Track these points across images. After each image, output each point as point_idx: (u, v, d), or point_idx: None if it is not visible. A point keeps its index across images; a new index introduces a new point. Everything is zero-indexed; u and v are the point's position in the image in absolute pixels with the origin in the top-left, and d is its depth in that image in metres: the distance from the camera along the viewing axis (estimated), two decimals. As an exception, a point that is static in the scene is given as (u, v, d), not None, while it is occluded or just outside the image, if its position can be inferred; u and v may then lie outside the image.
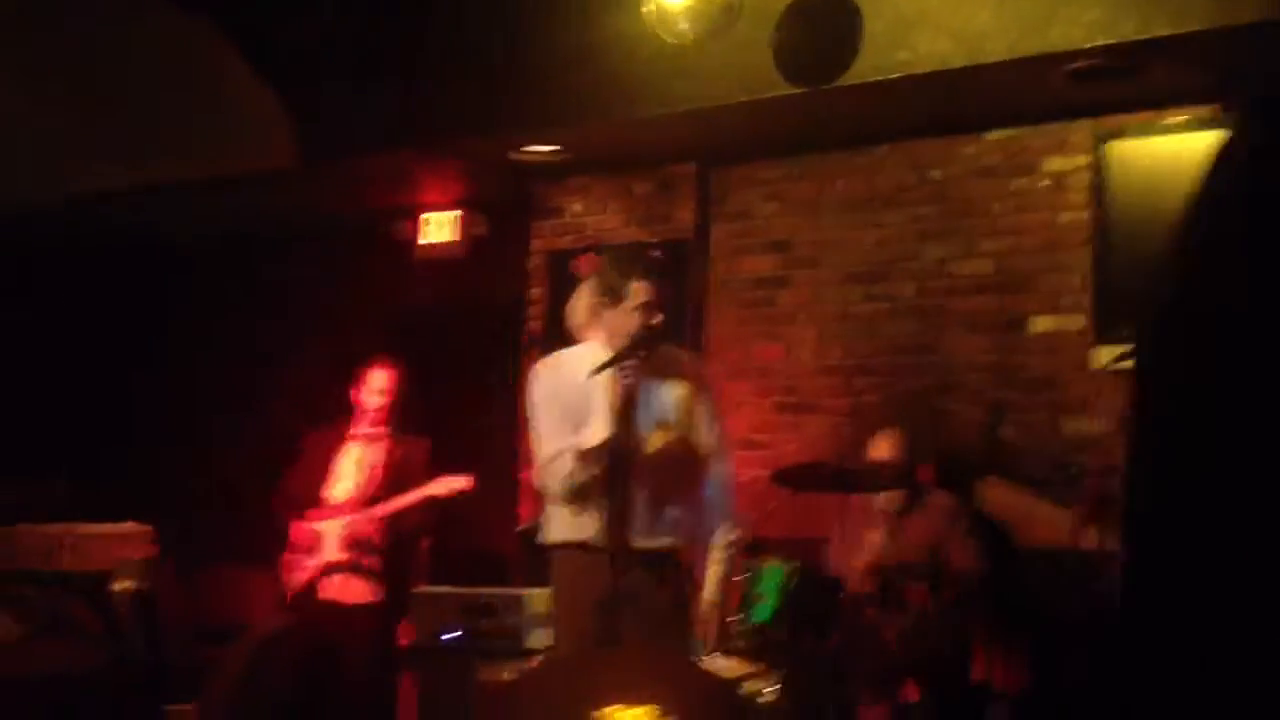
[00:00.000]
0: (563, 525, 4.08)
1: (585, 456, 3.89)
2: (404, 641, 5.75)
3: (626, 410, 3.94)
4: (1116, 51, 4.84)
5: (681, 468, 4.05)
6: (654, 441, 3.98)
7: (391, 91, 6.31)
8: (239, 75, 6.46)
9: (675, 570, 4.11)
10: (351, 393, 5.77)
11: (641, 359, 3.91)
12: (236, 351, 7.97)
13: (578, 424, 3.97)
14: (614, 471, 3.90)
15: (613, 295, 4.00)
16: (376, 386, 5.72)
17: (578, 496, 3.98)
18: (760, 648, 5.05)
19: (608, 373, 3.91)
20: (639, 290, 3.96)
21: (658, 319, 3.97)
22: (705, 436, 4.11)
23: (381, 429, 5.74)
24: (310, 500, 5.67)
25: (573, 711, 3.15)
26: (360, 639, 5.55)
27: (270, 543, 5.80)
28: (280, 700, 5.26)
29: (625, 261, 4.13)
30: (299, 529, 5.65)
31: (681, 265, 6.33)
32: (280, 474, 5.86)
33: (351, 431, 5.77)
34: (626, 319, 3.97)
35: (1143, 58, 4.92)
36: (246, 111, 6.53)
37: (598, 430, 3.89)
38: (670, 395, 4.07)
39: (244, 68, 6.47)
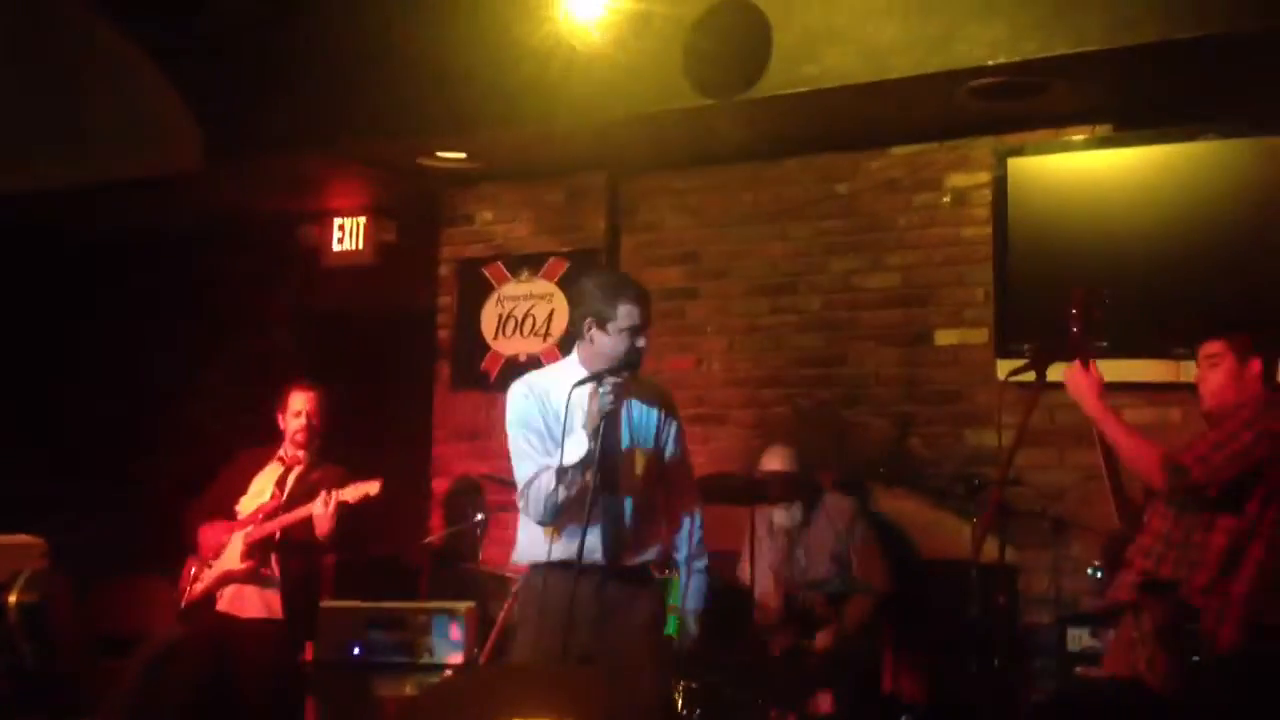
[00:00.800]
0: (537, 545, 4.06)
1: (563, 474, 3.89)
2: (308, 656, 5.66)
3: (608, 429, 3.98)
4: (1018, 69, 4.92)
5: (659, 488, 4.15)
6: (637, 461, 4.08)
7: (298, 93, 6.22)
8: (141, 75, 6.33)
9: (652, 586, 4.18)
10: (275, 414, 5.70)
11: (625, 379, 3.98)
12: (142, 356, 7.83)
13: (556, 444, 3.99)
14: (598, 488, 3.93)
15: (599, 318, 4.03)
16: (295, 409, 5.65)
17: (559, 515, 3.99)
18: (673, 660, 5.06)
19: (585, 392, 3.95)
20: (628, 314, 4.01)
21: (643, 342, 4.04)
22: (679, 458, 4.25)
23: (302, 452, 5.68)
24: (224, 515, 5.60)
25: (476, 727, 3.13)
26: (259, 653, 5.46)
27: (175, 553, 5.71)
28: (176, 714, 5.16)
29: (613, 284, 4.13)
30: (203, 537, 5.58)
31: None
32: (189, 482, 5.77)
33: (274, 451, 5.72)
34: (614, 341, 4.01)
35: (1044, 76, 5.02)
36: (149, 112, 6.41)
37: (575, 448, 3.90)
38: (649, 417, 4.16)
39: (146, 67, 6.35)
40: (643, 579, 4.13)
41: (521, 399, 4.12)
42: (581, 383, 3.95)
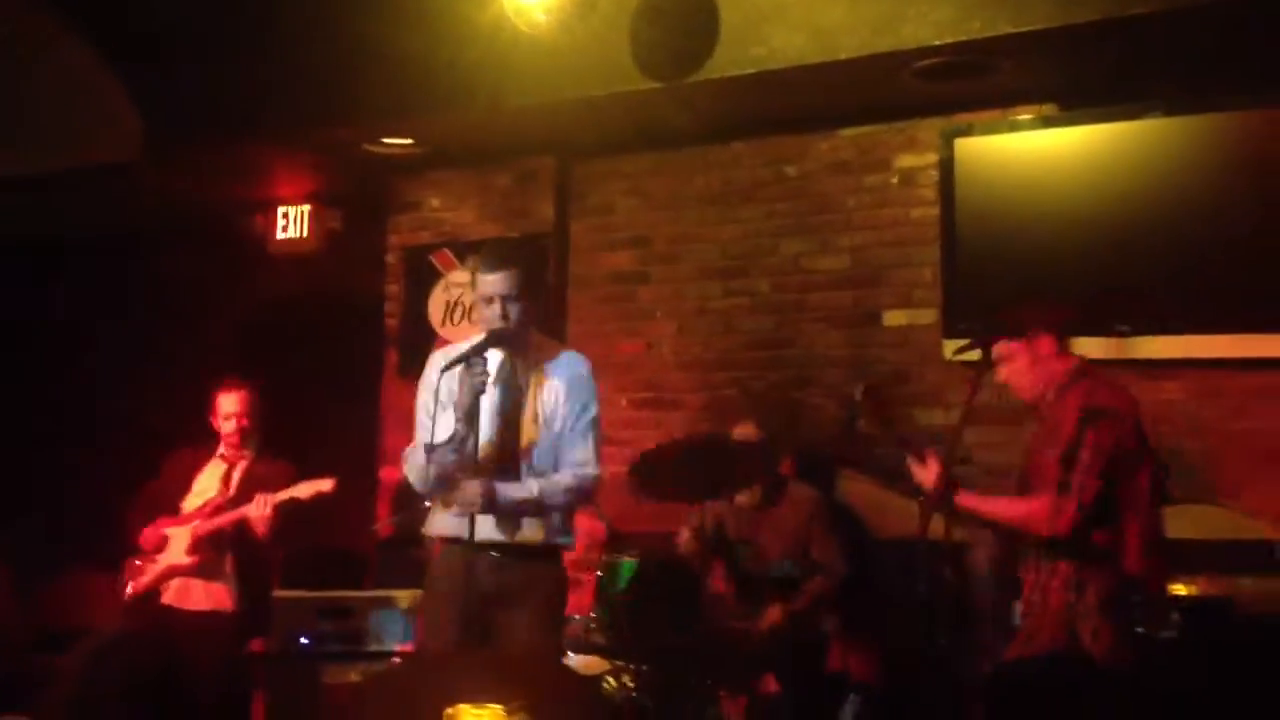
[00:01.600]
0: (437, 519, 4.06)
1: (431, 451, 3.84)
2: (259, 647, 5.62)
3: (502, 405, 3.95)
4: (964, 49, 4.94)
5: (551, 460, 4.02)
6: (526, 434, 3.98)
7: (240, 81, 6.15)
8: (78, 62, 6.24)
9: (556, 564, 4.09)
10: (207, 417, 5.64)
11: (506, 357, 3.92)
12: (84, 350, 7.73)
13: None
14: (490, 462, 3.90)
15: (473, 288, 4.00)
16: (226, 410, 5.58)
17: (438, 488, 3.94)
18: (620, 644, 5.05)
19: (462, 368, 3.87)
20: (486, 282, 3.93)
21: (512, 312, 3.92)
22: (581, 433, 4.04)
23: (241, 451, 5.62)
24: (167, 512, 5.54)
25: (420, 712, 3.10)
26: (206, 645, 5.41)
27: (116, 548, 5.64)
28: (119, 707, 5.09)
29: (482, 255, 4.09)
30: (147, 533, 5.52)
31: (541, 261, 6.29)
32: (132, 476, 5.70)
33: (214, 450, 5.66)
34: (484, 312, 3.96)
35: (989, 56, 5.03)
36: (87, 100, 6.31)
37: (443, 427, 3.84)
38: (554, 393, 4.02)
39: (84, 54, 6.25)
40: (544, 555, 4.03)
41: (429, 368, 4.10)
42: (450, 365, 3.88)
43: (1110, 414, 3.85)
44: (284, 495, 5.29)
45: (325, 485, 5.30)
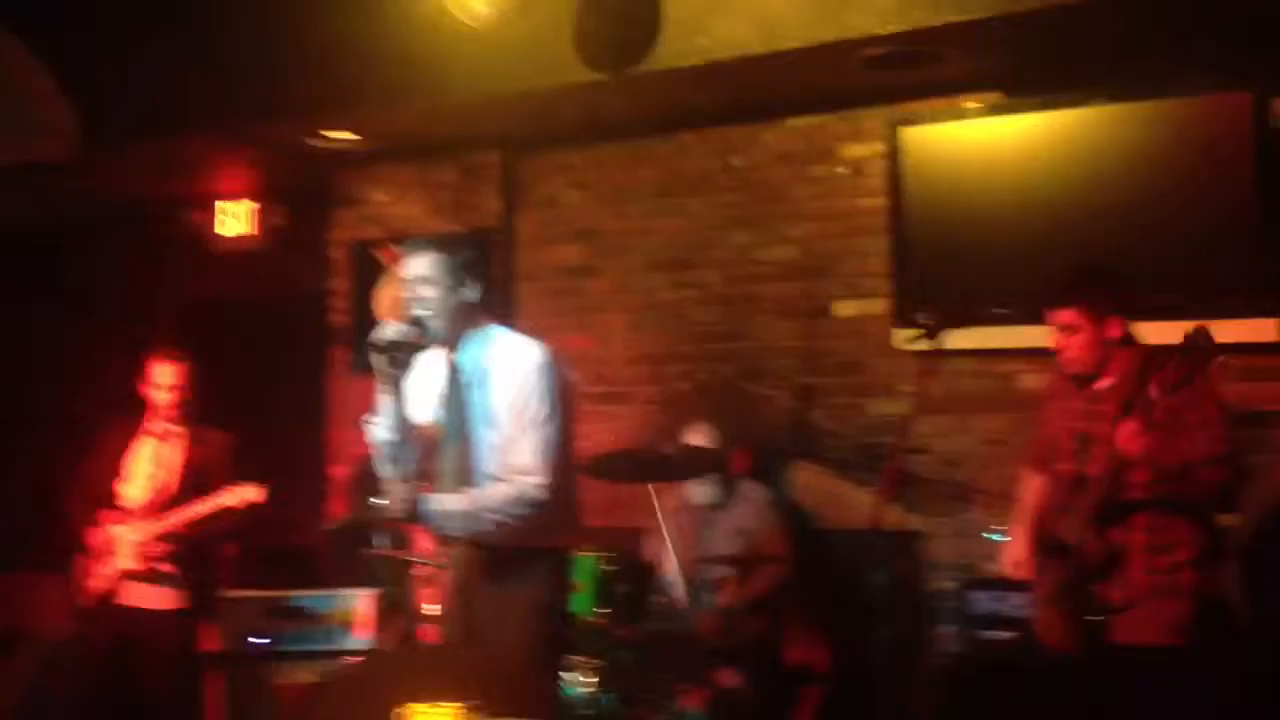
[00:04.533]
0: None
1: (374, 446, 3.77)
2: (210, 647, 5.57)
3: (451, 400, 3.79)
4: (908, 38, 4.94)
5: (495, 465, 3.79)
6: (483, 439, 3.80)
7: (178, 74, 6.05)
8: (8, 55, 6.10)
9: (532, 567, 3.85)
10: (139, 388, 5.54)
11: (414, 342, 3.70)
12: (27, 348, 7.60)
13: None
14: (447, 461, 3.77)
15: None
16: (162, 381, 5.48)
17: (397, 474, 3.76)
18: (578, 639, 5.02)
19: (385, 359, 3.68)
20: (407, 267, 3.82)
21: (427, 297, 3.76)
22: (514, 427, 3.76)
23: (176, 426, 5.54)
24: (104, 498, 5.44)
25: (374, 712, 3.06)
26: (161, 646, 5.36)
27: (61, 546, 5.55)
28: (70, 711, 5.03)
29: (414, 243, 3.96)
30: (93, 533, 5.44)
31: (487, 255, 6.24)
32: (68, 473, 5.60)
33: (146, 426, 5.55)
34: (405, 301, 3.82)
35: (934, 44, 5.04)
36: (20, 97, 6.18)
37: (382, 419, 3.74)
38: (486, 384, 3.80)
39: (17, 50, 6.12)
40: (519, 559, 3.81)
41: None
42: (370, 347, 3.67)
43: None
44: (215, 504, 5.24)
45: (254, 494, 5.25)
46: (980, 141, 5.49)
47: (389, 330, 3.70)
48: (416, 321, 3.73)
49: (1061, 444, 3.97)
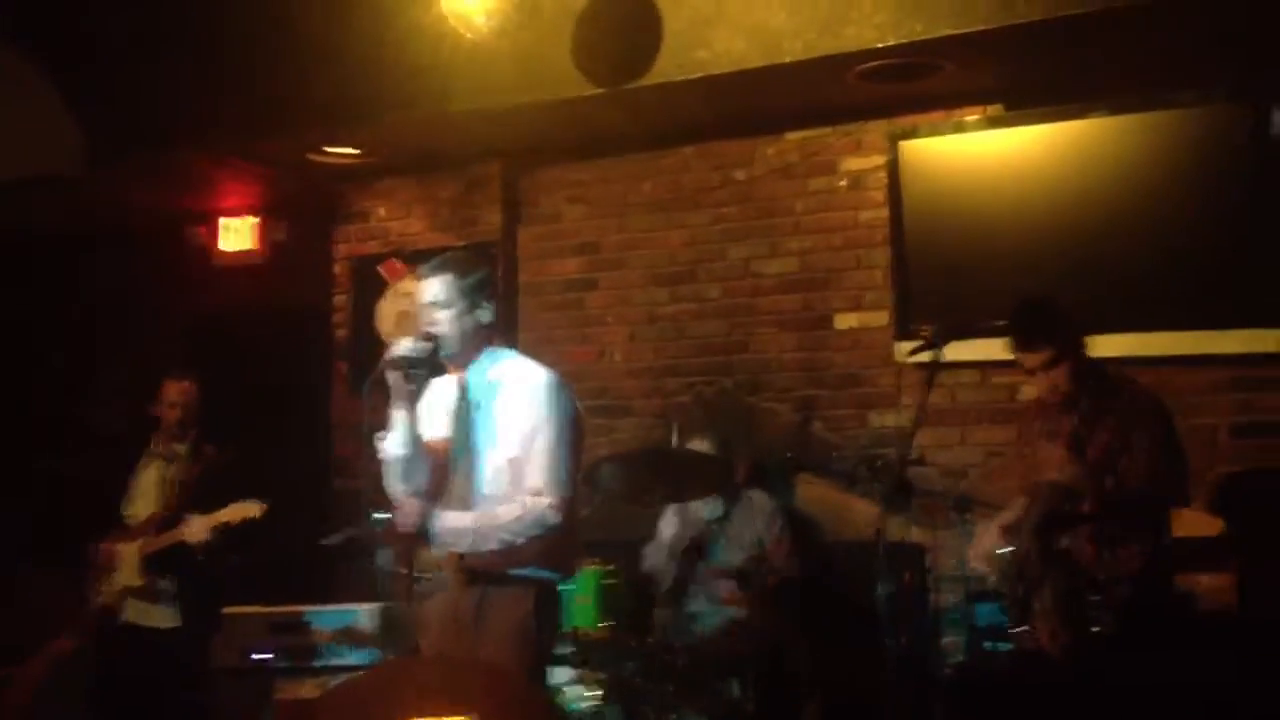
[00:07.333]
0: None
1: (385, 462, 3.78)
2: (211, 663, 5.57)
3: (460, 424, 3.79)
4: (906, 51, 4.95)
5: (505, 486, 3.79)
6: (484, 458, 3.79)
7: (182, 92, 6.07)
8: (15, 71, 6.13)
9: (527, 588, 3.80)
10: (147, 405, 5.62)
11: (423, 361, 3.73)
12: (22, 358, 7.61)
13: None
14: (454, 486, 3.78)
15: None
16: (170, 400, 5.57)
17: (408, 492, 3.78)
18: (581, 653, 5.02)
19: (398, 375, 3.71)
20: (420, 289, 3.85)
21: (440, 320, 3.78)
22: (524, 449, 3.76)
23: (182, 443, 5.60)
24: (109, 514, 5.51)
25: (375, 727, 3.06)
26: (162, 663, 5.39)
27: (68, 559, 5.58)
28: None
29: (428, 263, 3.95)
30: (96, 549, 5.48)
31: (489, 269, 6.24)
32: (71, 482, 5.67)
33: (152, 447, 5.62)
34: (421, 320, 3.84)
35: (932, 57, 5.05)
36: (26, 112, 6.21)
37: (393, 435, 3.76)
38: (494, 406, 3.81)
39: (23, 67, 6.16)
40: (518, 580, 3.78)
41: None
42: (386, 368, 3.68)
43: None
44: (214, 520, 5.27)
45: (253, 510, 5.30)
46: (980, 154, 5.50)
47: (403, 347, 3.73)
48: (430, 339, 3.76)
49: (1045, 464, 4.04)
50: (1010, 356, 4.22)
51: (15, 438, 7.42)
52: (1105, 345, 5.14)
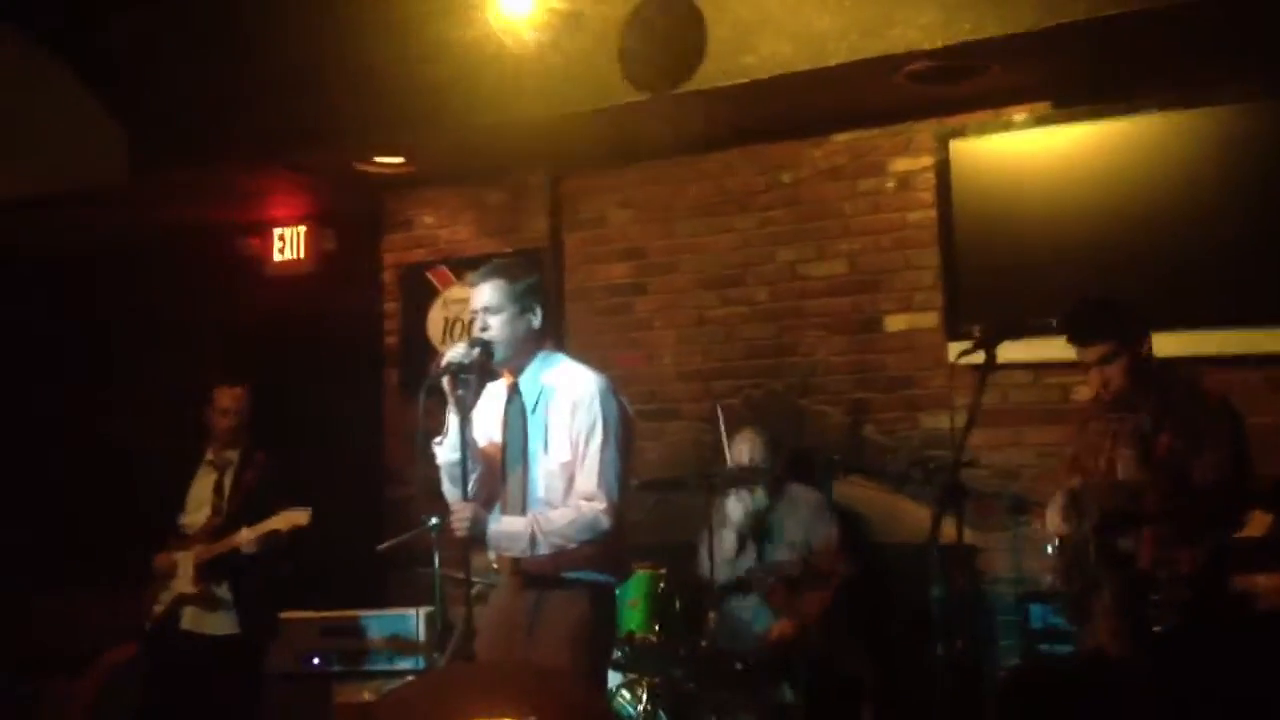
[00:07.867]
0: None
1: (440, 466, 3.81)
2: (268, 668, 5.63)
3: (511, 428, 3.83)
4: (953, 53, 4.93)
5: (559, 491, 3.79)
6: (538, 463, 3.81)
7: (229, 104, 6.14)
8: (64, 85, 6.21)
9: (584, 591, 3.81)
10: (203, 414, 5.69)
11: (476, 370, 3.74)
12: (82, 373, 7.71)
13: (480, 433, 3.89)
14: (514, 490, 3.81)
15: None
16: (222, 406, 5.64)
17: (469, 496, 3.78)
18: (633, 657, 5.03)
19: (448, 379, 3.73)
20: (472, 295, 3.87)
21: (488, 326, 3.80)
22: (579, 454, 3.77)
23: (234, 449, 5.66)
24: (165, 523, 5.57)
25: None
26: (220, 669, 5.45)
27: (123, 570, 5.65)
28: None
29: (479, 270, 3.95)
30: (155, 558, 5.54)
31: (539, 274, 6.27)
32: (123, 497, 5.73)
33: (208, 455, 5.69)
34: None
35: (979, 58, 5.02)
36: (74, 123, 6.29)
37: (447, 444, 3.80)
38: (548, 411, 3.82)
39: (70, 79, 6.24)
40: (573, 583, 3.79)
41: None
42: (440, 374, 3.71)
43: None
44: (263, 529, 5.33)
45: (301, 518, 5.36)
46: (1029, 152, 5.47)
47: (456, 353, 3.75)
48: (482, 344, 3.77)
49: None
50: (1065, 356, 4.19)
51: (59, 451, 7.52)
52: (1156, 344, 5.13)
